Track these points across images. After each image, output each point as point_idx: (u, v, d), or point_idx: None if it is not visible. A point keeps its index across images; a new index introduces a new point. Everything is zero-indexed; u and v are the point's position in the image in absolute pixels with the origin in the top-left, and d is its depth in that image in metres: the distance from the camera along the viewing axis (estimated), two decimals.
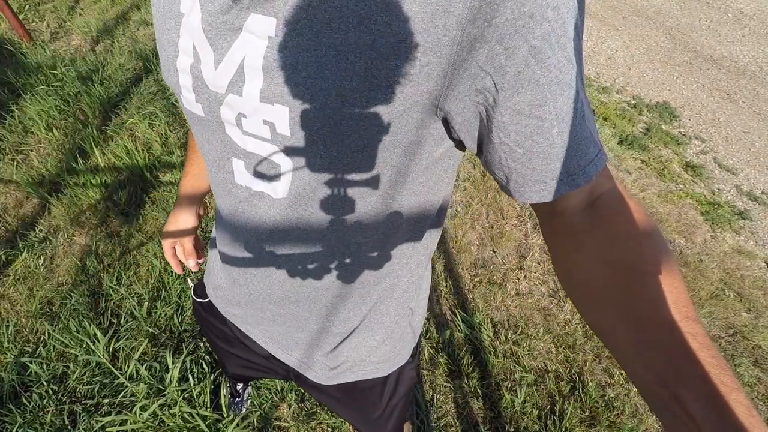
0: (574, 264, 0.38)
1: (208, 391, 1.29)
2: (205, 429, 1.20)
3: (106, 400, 1.28)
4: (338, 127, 0.36)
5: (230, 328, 0.73)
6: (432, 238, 0.57)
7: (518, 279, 1.79)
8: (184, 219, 0.77)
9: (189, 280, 1.48)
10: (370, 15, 0.31)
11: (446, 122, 0.38)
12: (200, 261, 0.81)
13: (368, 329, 0.61)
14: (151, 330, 1.44)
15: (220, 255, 0.61)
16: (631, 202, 0.37)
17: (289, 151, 0.39)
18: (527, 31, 0.30)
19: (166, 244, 0.79)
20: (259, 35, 0.34)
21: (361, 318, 0.59)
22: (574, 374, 1.51)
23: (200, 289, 0.79)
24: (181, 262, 0.82)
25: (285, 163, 0.41)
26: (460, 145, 0.43)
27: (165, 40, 0.42)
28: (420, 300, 0.67)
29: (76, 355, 1.35)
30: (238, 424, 1.24)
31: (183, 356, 1.35)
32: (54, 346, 1.38)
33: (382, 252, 0.51)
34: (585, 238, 0.37)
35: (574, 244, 0.38)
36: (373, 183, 0.42)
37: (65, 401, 1.28)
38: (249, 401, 1.31)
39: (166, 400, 1.26)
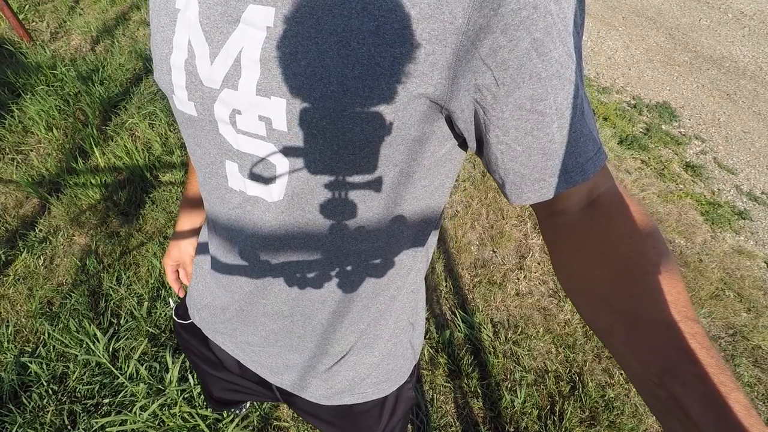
0: (574, 263, 0.38)
1: None
2: (205, 429, 1.20)
3: (106, 400, 1.28)
4: (339, 120, 0.34)
5: (214, 352, 0.70)
6: (431, 245, 0.55)
7: (518, 279, 1.79)
8: (185, 241, 0.76)
9: (171, 301, 1.45)
10: (374, 0, 0.30)
11: (449, 120, 0.37)
12: None
13: (366, 346, 0.57)
14: (150, 330, 1.44)
15: (213, 266, 0.57)
16: (631, 201, 0.37)
17: (286, 149, 0.37)
18: (531, 22, 0.30)
19: (169, 267, 0.78)
20: (257, 26, 0.33)
21: (358, 335, 0.56)
22: (574, 374, 1.51)
23: (182, 310, 0.75)
24: (184, 286, 0.80)
25: (281, 162, 0.38)
26: (463, 144, 0.42)
27: (159, 37, 0.40)
28: (419, 313, 0.65)
29: (76, 355, 1.35)
30: (237, 424, 1.24)
31: (183, 356, 1.35)
32: (54, 346, 1.38)
33: (383, 260, 0.48)
34: (584, 238, 0.37)
35: (574, 243, 0.38)
36: (375, 184, 0.40)
37: (65, 401, 1.28)
38: (249, 402, 1.31)
39: (166, 400, 1.25)
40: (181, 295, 0.80)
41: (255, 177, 0.41)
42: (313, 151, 0.37)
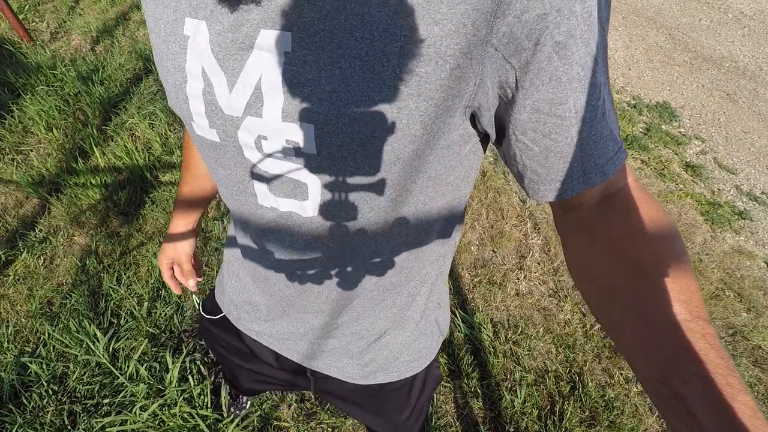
0: (587, 259, 0.38)
1: (208, 391, 1.29)
2: (205, 429, 1.20)
3: (106, 400, 1.28)
4: (370, 142, 0.34)
5: (247, 345, 0.71)
6: (458, 232, 0.56)
7: (518, 279, 1.79)
8: (180, 239, 0.75)
9: (195, 298, 1.48)
10: (396, 21, 0.29)
11: (474, 117, 0.37)
12: (199, 280, 0.80)
13: (399, 326, 0.60)
14: (150, 330, 1.44)
15: (249, 267, 0.58)
16: (649, 198, 0.36)
17: (317, 169, 0.37)
18: (554, 26, 0.29)
19: (164, 265, 0.77)
20: (274, 52, 0.32)
21: (392, 318, 0.58)
22: (574, 374, 1.51)
23: (210, 305, 0.75)
24: (180, 284, 0.79)
25: (312, 181, 0.38)
26: (485, 138, 0.42)
27: (171, 65, 0.39)
28: (445, 293, 0.67)
29: (76, 355, 1.35)
30: (238, 425, 1.24)
31: (183, 356, 1.35)
32: (54, 346, 1.38)
33: (416, 254, 0.50)
34: (599, 233, 0.37)
35: (588, 238, 0.38)
36: (406, 192, 0.40)
37: (65, 401, 1.27)
38: (249, 402, 1.31)
39: (166, 400, 1.25)
40: (178, 293, 0.81)
41: (287, 195, 0.41)
42: (345, 171, 0.37)
